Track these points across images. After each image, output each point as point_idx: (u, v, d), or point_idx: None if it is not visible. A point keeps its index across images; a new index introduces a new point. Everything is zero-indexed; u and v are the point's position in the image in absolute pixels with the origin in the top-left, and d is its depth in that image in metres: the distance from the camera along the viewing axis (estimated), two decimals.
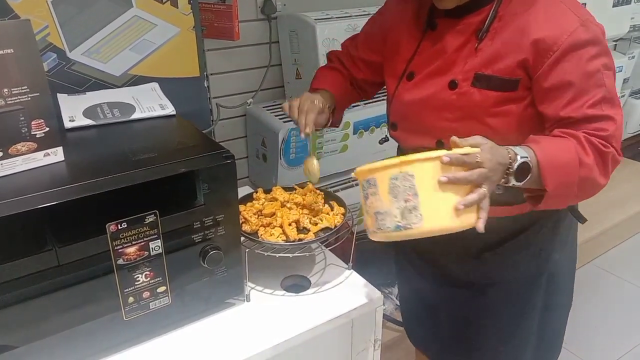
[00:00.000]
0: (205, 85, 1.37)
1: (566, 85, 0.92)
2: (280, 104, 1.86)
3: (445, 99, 1.02)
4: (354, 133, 1.88)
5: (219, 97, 1.77)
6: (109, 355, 0.91)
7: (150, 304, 0.92)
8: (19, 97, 0.82)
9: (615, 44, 3.13)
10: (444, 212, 0.80)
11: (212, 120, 1.56)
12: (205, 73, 1.36)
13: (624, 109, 3.16)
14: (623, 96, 3.23)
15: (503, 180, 0.87)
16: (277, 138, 1.73)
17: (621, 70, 3.00)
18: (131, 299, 0.89)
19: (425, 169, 0.78)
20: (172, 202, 0.89)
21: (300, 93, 1.14)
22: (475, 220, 0.83)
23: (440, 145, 1.02)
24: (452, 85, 1.01)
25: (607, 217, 2.69)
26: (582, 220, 1.18)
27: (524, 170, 0.87)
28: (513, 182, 0.87)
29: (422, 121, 1.05)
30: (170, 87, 1.25)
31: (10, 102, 0.82)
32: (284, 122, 1.76)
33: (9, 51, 0.81)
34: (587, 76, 0.91)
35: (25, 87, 0.83)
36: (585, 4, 2.49)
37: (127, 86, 1.24)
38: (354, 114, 1.85)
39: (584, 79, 0.91)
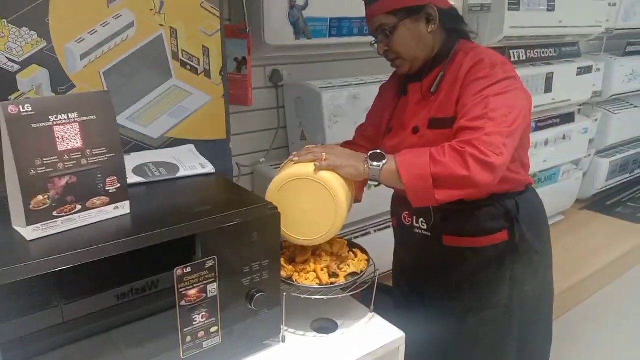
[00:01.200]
0: (230, 146, 1.50)
1: (463, 105, 1.22)
2: None
3: (410, 142, 1.32)
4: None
5: (235, 155, 1.91)
6: None
7: (204, 343, 1.01)
8: (98, 157, 0.94)
9: (580, 108, 3.43)
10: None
11: (234, 177, 1.69)
12: (229, 136, 1.50)
13: (590, 168, 3.44)
14: (589, 155, 3.50)
15: (366, 165, 1.17)
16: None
17: (586, 132, 3.27)
18: (189, 338, 0.98)
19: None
20: (226, 249, 1.00)
21: (289, 158, 1.28)
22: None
23: None
24: (415, 130, 1.32)
25: (583, 268, 2.86)
26: (541, 252, 1.41)
27: (378, 156, 1.18)
28: (371, 163, 1.17)
29: None
30: (200, 148, 1.38)
31: (91, 161, 0.93)
32: None
33: (92, 117, 0.93)
34: (476, 100, 1.19)
35: (104, 148, 0.95)
36: (552, 72, 2.79)
37: (163, 148, 1.36)
38: None
39: (473, 100, 1.19)
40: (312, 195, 1.14)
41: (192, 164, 1.24)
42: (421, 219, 1.39)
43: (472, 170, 1.10)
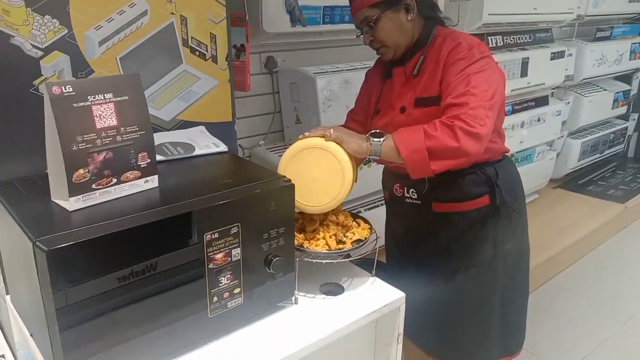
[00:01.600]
0: (235, 128, 1.60)
1: (446, 85, 1.35)
2: (281, 146, 2.11)
3: (398, 120, 1.45)
4: (364, 163, 2.13)
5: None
6: (197, 348, 1.09)
7: (228, 303, 1.11)
8: (131, 134, 1.03)
9: (553, 92, 3.59)
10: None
11: None
12: (235, 119, 1.59)
13: (563, 149, 3.62)
14: (562, 137, 3.67)
15: (367, 142, 1.30)
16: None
17: (559, 115, 3.44)
18: (215, 299, 1.08)
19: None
20: (248, 217, 1.10)
21: (298, 136, 1.39)
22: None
23: None
24: (402, 110, 1.46)
25: (558, 242, 3.04)
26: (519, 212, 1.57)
27: (377, 134, 1.31)
28: (372, 139, 1.30)
29: None
30: (208, 129, 1.47)
31: (125, 138, 1.02)
32: None
33: (125, 98, 1.02)
34: (458, 79, 1.33)
35: (136, 126, 1.04)
36: (528, 57, 2.93)
37: (174, 129, 1.45)
38: None
39: (455, 80, 1.33)
40: (321, 164, 1.26)
41: (206, 143, 1.34)
42: (412, 190, 1.52)
43: (461, 141, 1.24)
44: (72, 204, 0.98)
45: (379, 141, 1.29)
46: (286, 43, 2.10)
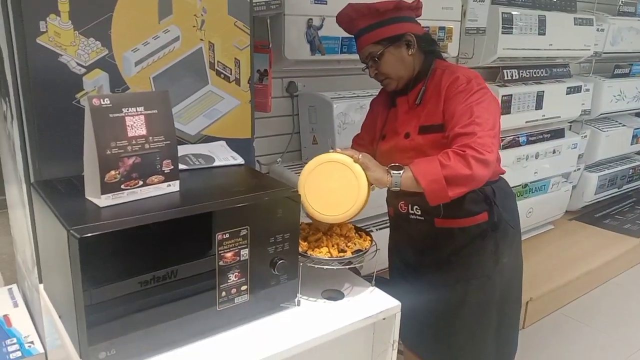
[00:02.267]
0: (254, 145, 1.74)
1: (450, 116, 1.47)
2: (298, 164, 2.25)
3: (403, 145, 1.60)
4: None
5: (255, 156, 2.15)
6: (205, 337, 1.21)
7: (235, 299, 1.23)
8: (158, 143, 1.18)
9: (570, 125, 3.66)
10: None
11: None
12: (254, 135, 1.73)
13: (580, 181, 3.67)
14: (578, 169, 3.72)
15: (388, 175, 1.40)
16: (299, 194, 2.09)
17: (575, 147, 3.50)
18: (223, 294, 1.20)
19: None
20: (256, 221, 1.22)
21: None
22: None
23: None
24: (406, 136, 1.60)
25: (570, 272, 3.07)
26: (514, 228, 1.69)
27: (396, 167, 1.42)
28: (392, 172, 1.41)
29: (391, 160, 1.51)
30: (229, 144, 1.61)
31: (152, 146, 1.17)
32: None
33: (154, 111, 1.17)
34: (461, 110, 1.45)
35: (162, 136, 1.18)
36: (543, 91, 3.03)
37: (199, 143, 1.60)
38: None
39: (459, 111, 1.45)
40: (341, 178, 1.38)
41: (225, 156, 1.48)
42: (415, 207, 1.63)
43: (473, 169, 1.36)
44: (103, 201, 1.12)
45: (399, 173, 1.41)
46: (306, 69, 2.25)
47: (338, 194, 1.39)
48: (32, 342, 1.58)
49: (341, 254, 1.39)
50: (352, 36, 1.66)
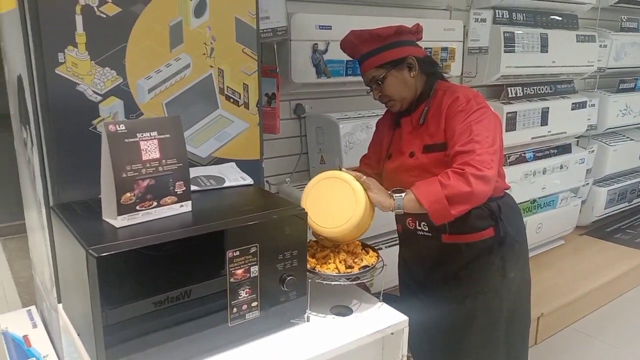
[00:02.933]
0: (263, 166, 1.79)
1: (451, 135, 1.52)
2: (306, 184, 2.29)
3: (408, 164, 1.65)
4: None
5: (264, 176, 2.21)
6: (217, 353, 1.24)
7: (246, 314, 1.27)
8: (171, 165, 1.24)
9: (577, 140, 3.69)
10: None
11: None
12: (263, 157, 1.78)
13: (589, 196, 3.68)
14: (587, 184, 3.74)
15: (391, 199, 1.46)
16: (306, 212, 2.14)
17: (583, 162, 3.52)
18: (235, 310, 1.25)
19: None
20: (266, 239, 1.27)
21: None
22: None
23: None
24: (411, 155, 1.65)
25: (582, 286, 3.07)
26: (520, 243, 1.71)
27: (398, 190, 1.48)
28: (395, 195, 1.47)
29: (398, 179, 1.59)
30: (239, 166, 1.66)
31: (166, 169, 1.23)
32: None
33: (167, 135, 1.23)
34: (460, 129, 1.50)
35: (175, 159, 1.24)
36: (548, 107, 3.06)
37: (210, 165, 1.65)
38: None
39: (459, 130, 1.50)
40: (340, 194, 1.45)
41: (235, 177, 1.53)
42: (423, 223, 1.67)
43: (473, 186, 1.41)
44: (119, 221, 1.18)
45: (401, 196, 1.47)
46: (313, 92, 2.32)
47: (335, 208, 1.45)
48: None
49: (348, 270, 1.43)
50: (356, 60, 1.72)
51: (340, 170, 1.49)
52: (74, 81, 1.38)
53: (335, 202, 1.46)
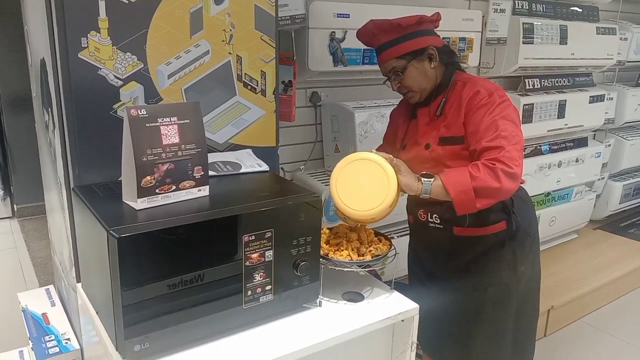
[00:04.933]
0: (278, 153, 1.81)
1: (475, 130, 1.50)
2: (321, 172, 2.32)
3: (423, 156, 1.64)
4: None
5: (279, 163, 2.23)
6: (232, 334, 1.28)
7: (260, 297, 1.30)
8: (190, 150, 1.26)
9: (594, 134, 3.66)
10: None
11: None
12: (278, 144, 1.80)
13: (604, 191, 3.66)
14: (602, 179, 3.71)
15: (419, 182, 1.45)
16: (320, 199, 2.16)
17: (599, 156, 3.50)
18: (249, 292, 1.27)
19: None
20: (280, 225, 1.29)
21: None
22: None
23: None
24: (427, 146, 1.63)
25: (594, 280, 3.06)
26: (532, 236, 1.72)
27: (427, 175, 1.47)
28: (423, 179, 1.46)
29: (413, 170, 1.54)
30: (255, 152, 1.69)
31: (185, 153, 1.25)
32: (325, 185, 2.20)
33: (187, 121, 1.25)
34: (485, 123, 1.49)
35: (194, 144, 1.27)
36: (565, 100, 3.04)
37: (226, 151, 1.68)
38: None
39: (484, 125, 1.49)
40: (372, 176, 1.44)
41: (251, 163, 1.56)
42: (435, 215, 1.68)
43: (502, 182, 1.40)
44: (139, 204, 1.21)
45: (430, 181, 1.46)
46: (329, 80, 2.33)
47: (367, 191, 1.45)
48: (68, 339, 1.68)
49: (361, 257, 1.45)
50: (373, 48, 1.71)
51: (370, 151, 1.48)
52: (96, 65, 1.41)
53: (367, 184, 1.45)
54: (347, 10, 2.17)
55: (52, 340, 1.67)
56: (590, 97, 3.27)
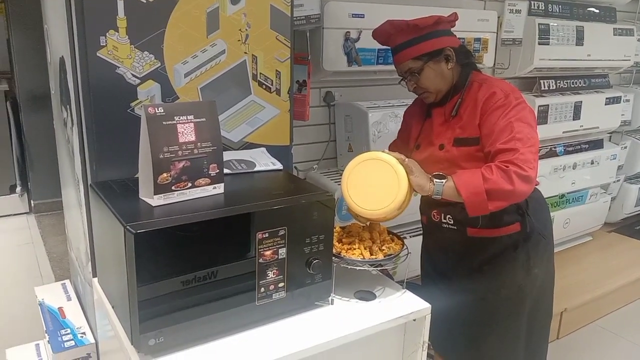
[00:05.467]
0: (292, 152, 1.82)
1: (490, 132, 1.50)
2: (334, 171, 2.33)
3: (437, 156, 1.63)
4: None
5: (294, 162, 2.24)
6: (244, 330, 1.29)
7: (273, 294, 1.31)
8: (205, 148, 1.28)
9: (610, 136, 3.62)
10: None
11: None
12: (292, 143, 1.82)
13: (619, 193, 3.62)
14: (618, 181, 3.67)
15: (431, 183, 1.45)
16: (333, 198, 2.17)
17: (615, 159, 3.46)
18: (262, 289, 1.29)
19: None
20: (294, 223, 1.30)
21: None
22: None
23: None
24: (441, 147, 1.63)
25: (608, 284, 3.04)
26: (546, 238, 1.71)
27: (439, 176, 1.47)
28: (435, 180, 1.46)
29: (426, 170, 1.54)
30: (269, 151, 1.70)
31: (201, 151, 1.27)
32: (338, 184, 2.21)
33: (203, 119, 1.27)
34: (501, 125, 1.48)
35: (209, 142, 1.28)
36: (581, 101, 3.02)
37: (241, 149, 1.69)
38: None
39: (499, 127, 1.48)
40: (383, 176, 1.45)
41: (265, 162, 1.57)
42: (448, 216, 1.68)
43: (515, 184, 1.40)
44: (155, 200, 1.23)
45: (442, 182, 1.46)
46: (343, 80, 2.34)
47: (378, 190, 1.46)
48: (84, 333, 1.71)
49: (373, 257, 1.46)
50: (388, 48, 1.71)
51: (382, 152, 1.49)
52: (114, 64, 1.43)
53: (378, 184, 1.46)
54: (361, 10, 2.18)
55: (68, 334, 1.70)
56: (606, 98, 3.24)
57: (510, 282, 1.65)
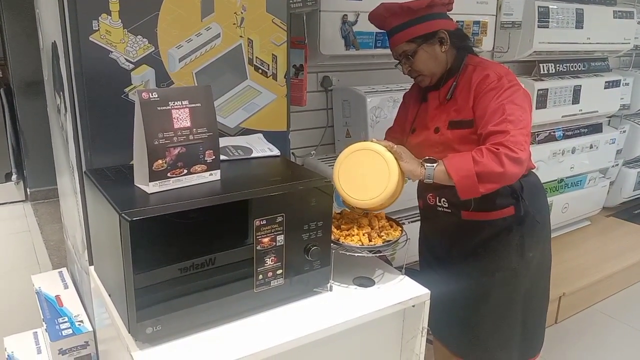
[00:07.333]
0: (289, 137, 1.80)
1: (482, 114, 1.50)
2: (332, 157, 2.30)
3: (432, 139, 1.63)
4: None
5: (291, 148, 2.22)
6: (243, 318, 1.28)
7: (271, 281, 1.30)
8: (201, 134, 1.26)
9: (609, 120, 3.60)
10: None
11: None
12: (289, 128, 1.80)
13: (618, 177, 3.62)
14: (617, 165, 3.66)
15: (422, 167, 1.46)
16: (331, 184, 2.16)
17: (614, 143, 3.45)
18: (260, 277, 1.27)
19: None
20: (292, 209, 1.29)
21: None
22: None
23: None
24: (436, 130, 1.63)
25: (606, 268, 3.04)
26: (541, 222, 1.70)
27: (430, 160, 1.48)
28: (426, 165, 1.46)
29: (420, 154, 1.55)
30: (266, 137, 1.68)
31: (196, 137, 1.25)
32: None
33: (198, 105, 1.25)
34: (492, 107, 1.48)
35: (205, 128, 1.26)
36: (580, 85, 3.00)
37: (237, 135, 1.67)
38: None
39: (491, 109, 1.48)
40: (373, 165, 1.45)
41: (262, 147, 1.55)
42: (443, 199, 1.67)
43: (506, 167, 1.39)
44: (151, 187, 1.21)
45: (433, 166, 1.46)
46: (341, 64, 2.31)
47: (369, 180, 1.46)
48: (81, 321, 1.70)
49: (372, 243, 1.45)
50: (385, 32, 1.69)
51: (370, 141, 1.49)
52: (107, 49, 1.40)
53: (368, 174, 1.46)
54: None
55: (66, 322, 1.69)
56: (605, 82, 3.22)
57: (505, 265, 1.65)
